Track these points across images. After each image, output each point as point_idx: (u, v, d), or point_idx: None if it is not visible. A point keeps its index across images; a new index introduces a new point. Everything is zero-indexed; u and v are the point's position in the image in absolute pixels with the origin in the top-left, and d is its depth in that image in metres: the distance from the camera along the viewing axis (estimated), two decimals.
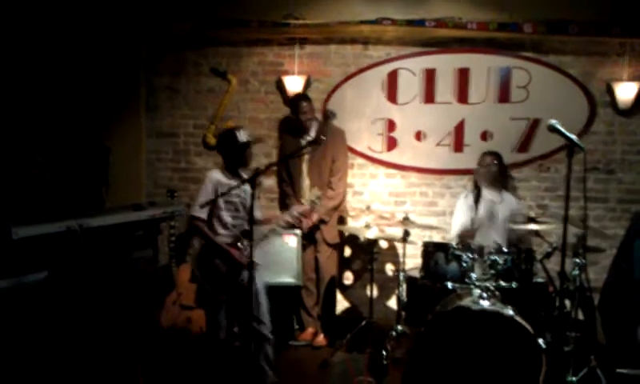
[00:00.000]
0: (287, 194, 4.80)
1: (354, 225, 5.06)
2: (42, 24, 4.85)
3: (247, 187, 3.59)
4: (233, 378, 3.89)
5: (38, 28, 4.83)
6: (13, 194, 4.13)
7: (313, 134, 4.61)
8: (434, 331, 3.37)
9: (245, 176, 3.76)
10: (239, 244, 3.67)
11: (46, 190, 4.33)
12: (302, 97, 4.78)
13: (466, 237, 4.33)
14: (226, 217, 3.71)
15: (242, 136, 3.72)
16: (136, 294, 3.98)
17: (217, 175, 3.74)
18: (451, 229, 4.66)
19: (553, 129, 3.01)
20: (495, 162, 4.54)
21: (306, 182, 4.67)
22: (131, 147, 5.36)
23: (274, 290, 4.47)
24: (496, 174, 4.54)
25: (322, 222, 4.63)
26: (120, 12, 5.12)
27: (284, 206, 4.82)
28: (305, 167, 4.69)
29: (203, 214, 3.67)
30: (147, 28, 5.21)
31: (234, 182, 3.66)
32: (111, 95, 5.28)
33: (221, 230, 3.71)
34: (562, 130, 2.99)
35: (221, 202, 3.67)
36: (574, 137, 2.97)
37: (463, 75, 5.01)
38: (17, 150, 4.49)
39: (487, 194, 4.47)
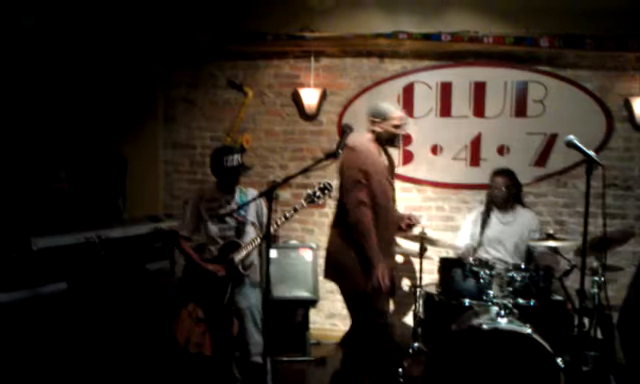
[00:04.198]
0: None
1: None
2: (59, 38, 4.92)
3: (237, 198, 3.72)
4: None
5: (54, 42, 4.90)
6: (33, 205, 4.18)
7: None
8: (451, 349, 3.34)
9: (239, 190, 3.81)
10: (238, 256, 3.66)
11: (64, 202, 4.37)
12: None
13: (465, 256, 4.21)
14: (212, 228, 3.73)
15: (230, 161, 3.70)
16: (153, 306, 4.00)
17: (200, 192, 3.87)
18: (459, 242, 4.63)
19: (571, 144, 3.00)
20: (506, 183, 4.38)
21: (395, 214, 3.61)
22: (148, 159, 5.41)
23: (289, 304, 4.49)
24: (506, 195, 4.38)
25: None
26: (137, 25, 5.17)
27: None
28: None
29: (187, 232, 3.77)
30: (164, 41, 5.26)
31: (223, 196, 3.74)
32: (128, 107, 5.33)
33: (210, 247, 3.74)
34: (580, 146, 2.98)
35: (204, 212, 3.73)
36: (592, 153, 2.95)
37: (479, 89, 5.00)
38: (37, 163, 4.54)
39: (496, 216, 4.41)
